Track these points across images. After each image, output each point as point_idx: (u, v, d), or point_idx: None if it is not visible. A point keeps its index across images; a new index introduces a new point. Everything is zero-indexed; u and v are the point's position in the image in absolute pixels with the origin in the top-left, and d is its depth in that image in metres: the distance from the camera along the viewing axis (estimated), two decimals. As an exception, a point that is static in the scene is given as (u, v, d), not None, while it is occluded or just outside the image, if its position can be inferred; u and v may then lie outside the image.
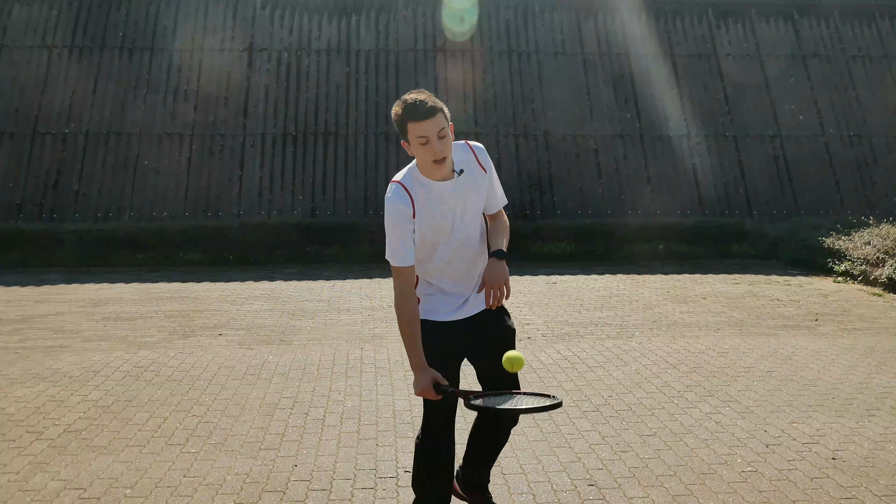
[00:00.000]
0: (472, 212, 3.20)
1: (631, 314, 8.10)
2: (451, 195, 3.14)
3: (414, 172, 3.15)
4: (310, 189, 12.61)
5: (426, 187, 3.11)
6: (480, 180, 3.22)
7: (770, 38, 14.37)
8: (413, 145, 3.05)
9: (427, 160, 3.05)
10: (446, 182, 3.12)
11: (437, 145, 3.02)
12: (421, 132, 3.00)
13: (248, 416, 4.98)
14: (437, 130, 3.01)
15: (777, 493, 3.91)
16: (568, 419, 4.93)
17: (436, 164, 3.05)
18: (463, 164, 3.17)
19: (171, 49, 13.40)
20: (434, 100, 3.06)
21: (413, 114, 3.00)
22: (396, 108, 3.06)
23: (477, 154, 3.24)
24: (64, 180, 12.39)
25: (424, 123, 3.00)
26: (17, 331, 7.35)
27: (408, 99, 3.04)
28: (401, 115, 3.04)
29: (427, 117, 3.00)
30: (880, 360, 6.37)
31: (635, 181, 13.00)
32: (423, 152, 3.04)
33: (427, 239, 3.14)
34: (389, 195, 3.12)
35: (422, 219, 3.10)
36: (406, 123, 3.03)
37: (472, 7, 14.06)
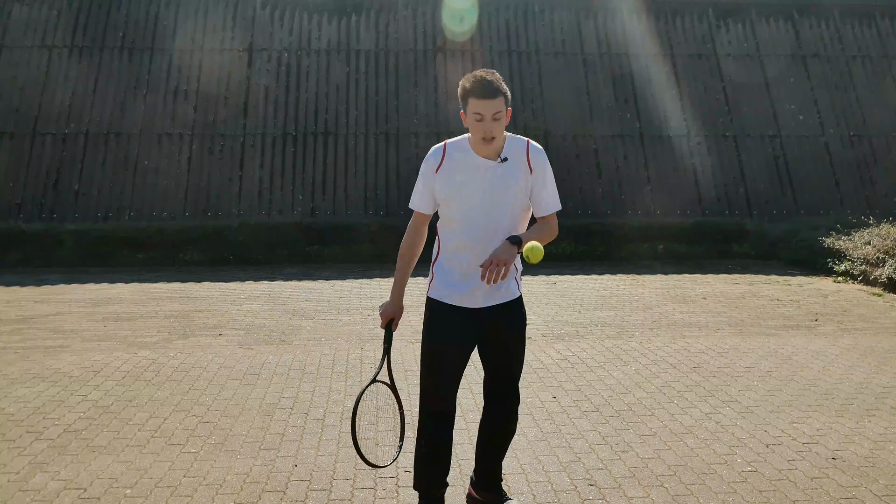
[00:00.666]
0: (504, 202, 3.30)
1: (631, 314, 8.10)
2: (487, 175, 3.29)
3: (464, 141, 3.37)
4: (310, 189, 12.61)
5: (467, 155, 3.32)
6: (523, 176, 3.32)
7: (770, 38, 14.37)
8: (469, 119, 3.24)
9: (477, 136, 3.24)
10: (487, 160, 3.30)
11: (490, 125, 3.21)
12: (479, 109, 3.19)
13: (248, 416, 4.98)
14: (493, 112, 3.19)
15: (777, 493, 3.91)
16: (568, 419, 4.93)
17: (483, 142, 3.25)
18: (511, 154, 3.32)
19: (171, 49, 13.40)
20: (501, 83, 3.23)
21: (477, 91, 3.19)
22: (465, 81, 3.25)
23: (531, 152, 3.35)
24: (64, 180, 12.39)
25: (485, 102, 3.18)
26: (17, 331, 7.34)
27: (478, 75, 3.23)
28: (467, 89, 3.23)
29: (489, 97, 3.18)
30: (880, 360, 6.37)
31: (635, 181, 13.00)
32: (475, 128, 3.23)
33: (448, 201, 3.32)
34: (431, 149, 3.42)
35: (446, 178, 3.31)
36: (468, 97, 3.22)
37: (472, 7, 14.06)
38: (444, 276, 3.40)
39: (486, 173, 3.30)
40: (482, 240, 3.30)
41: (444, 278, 3.39)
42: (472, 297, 3.36)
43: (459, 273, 3.36)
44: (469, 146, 3.33)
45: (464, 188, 3.30)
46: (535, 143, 3.38)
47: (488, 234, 3.30)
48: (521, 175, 3.31)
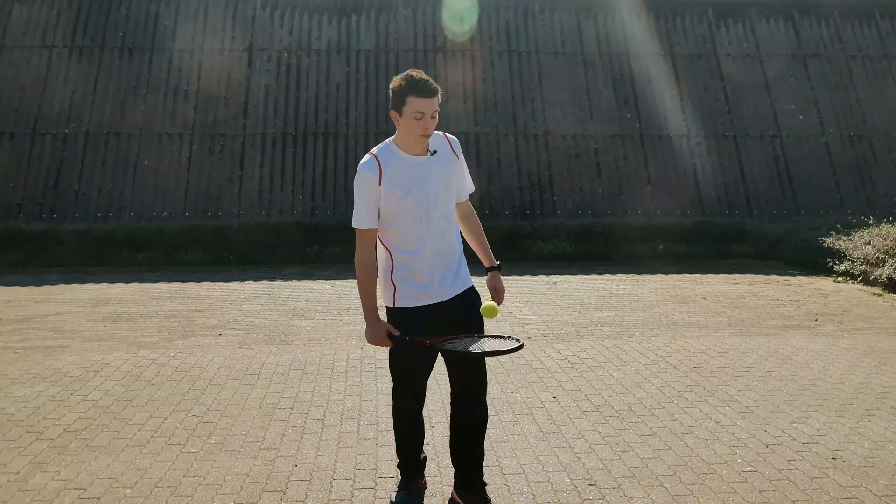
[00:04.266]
0: (444, 191, 3.46)
1: (631, 314, 8.10)
2: (423, 171, 3.41)
3: (389, 146, 3.43)
4: (310, 189, 12.61)
5: (400, 159, 3.39)
6: (451, 164, 3.51)
7: (770, 38, 14.37)
8: (406, 118, 3.31)
9: (415, 134, 3.32)
10: (420, 157, 3.41)
11: (429, 122, 3.32)
12: (420, 108, 3.28)
13: (248, 416, 4.98)
14: (433, 110, 3.31)
15: (777, 493, 3.91)
16: (568, 419, 4.93)
17: (422, 139, 3.35)
18: (437, 147, 3.48)
19: (171, 49, 13.41)
20: (435, 83, 3.37)
21: (418, 90, 3.28)
22: (400, 80, 3.31)
23: (451, 143, 3.55)
24: (64, 180, 12.39)
25: (426, 101, 3.29)
26: (17, 331, 7.34)
27: (413, 75, 3.31)
28: (404, 87, 3.29)
29: (430, 96, 3.29)
30: (880, 360, 6.37)
31: (635, 181, 13.00)
32: (414, 126, 3.31)
33: (396, 207, 3.38)
34: (361, 163, 3.42)
35: (390, 188, 3.36)
36: (407, 96, 3.29)
37: (472, 7, 14.07)
38: (408, 281, 3.47)
39: (423, 169, 3.41)
40: (436, 233, 3.44)
41: (409, 283, 3.47)
42: (439, 292, 3.47)
43: (424, 271, 3.44)
44: (397, 150, 3.41)
45: (411, 190, 3.38)
46: (450, 135, 3.57)
47: (439, 225, 3.45)
48: (450, 163, 3.50)
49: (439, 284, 3.46)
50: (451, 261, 3.51)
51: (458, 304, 3.51)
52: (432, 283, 3.45)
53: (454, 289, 3.50)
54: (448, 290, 3.49)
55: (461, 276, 3.54)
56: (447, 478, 4.01)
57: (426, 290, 3.46)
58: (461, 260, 3.57)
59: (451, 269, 3.50)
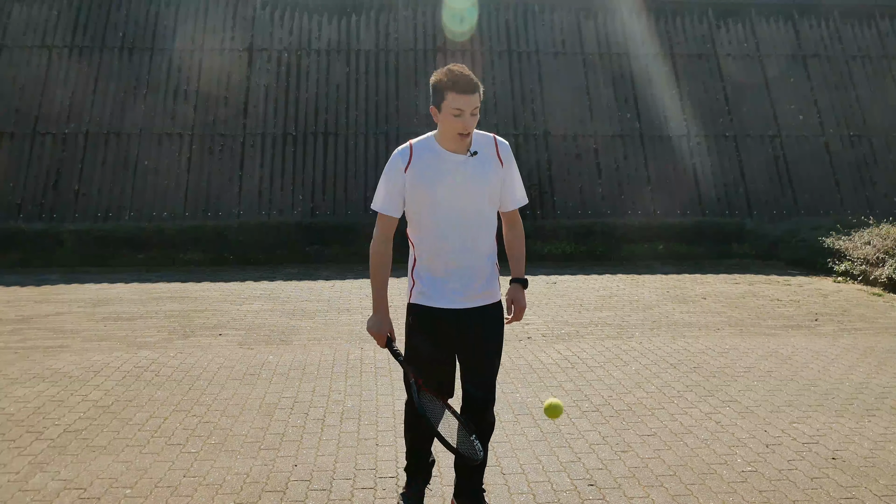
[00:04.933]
0: (477, 194, 3.27)
1: (631, 314, 8.10)
2: (459, 170, 3.24)
3: (429, 139, 3.30)
4: (310, 189, 12.61)
5: (436, 153, 3.25)
6: (493, 169, 3.31)
7: (770, 38, 14.37)
8: (445, 114, 3.16)
9: (453, 131, 3.17)
10: (458, 155, 3.25)
11: (468, 120, 3.16)
12: (459, 104, 3.13)
13: (248, 416, 4.98)
14: (472, 107, 3.15)
15: (777, 493, 3.91)
16: (568, 419, 4.93)
17: (460, 137, 3.19)
18: (481, 148, 3.29)
19: (171, 49, 13.40)
20: (476, 78, 3.19)
21: (458, 85, 3.13)
22: (441, 75, 3.18)
23: (499, 146, 3.35)
24: (64, 180, 12.39)
25: (466, 97, 3.13)
26: (17, 331, 7.34)
27: (454, 70, 3.18)
28: (445, 82, 3.15)
29: (470, 92, 3.14)
30: (880, 360, 6.37)
31: (635, 181, 13.00)
32: (452, 122, 3.16)
33: (420, 202, 3.24)
34: (395, 151, 3.31)
35: (416, 178, 3.22)
36: (447, 91, 3.14)
37: (472, 7, 14.06)
38: (426, 280, 3.32)
39: (458, 168, 3.24)
40: (461, 237, 3.26)
41: (427, 282, 3.32)
42: (456, 298, 3.30)
43: (442, 274, 3.29)
44: (436, 144, 3.27)
45: (438, 186, 3.22)
46: (502, 139, 3.38)
47: (466, 230, 3.27)
48: (492, 168, 3.30)
49: (458, 291, 3.29)
50: (476, 270, 3.31)
51: (477, 317, 3.33)
52: (451, 289, 3.29)
53: (475, 300, 3.32)
54: (468, 300, 3.31)
55: (487, 290, 3.35)
56: (448, 478, 4.01)
57: (443, 294, 3.29)
58: (491, 272, 3.38)
59: (475, 278, 3.31)
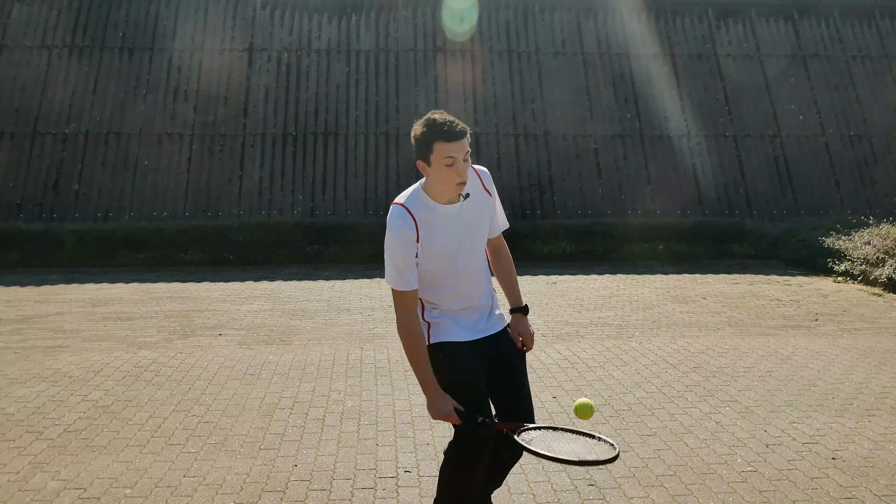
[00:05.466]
0: (477, 236, 3.15)
1: (631, 314, 8.10)
2: (457, 220, 3.08)
3: (419, 195, 3.06)
4: (310, 189, 12.61)
5: (432, 210, 3.04)
6: (485, 204, 3.17)
7: (770, 38, 14.37)
8: (436, 166, 2.95)
9: (450, 182, 2.97)
10: (452, 206, 3.06)
11: (462, 168, 2.95)
12: (451, 152, 2.92)
13: (248, 416, 4.98)
14: (464, 152, 2.94)
15: (777, 493, 3.91)
16: (568, 419, 4.93)
17: (457, 187, 2.99)
18: (469, 188, 3.09)
19: (171, 49, 13.41)
20: (461, 122, 2.99)
21: (445, 133, 2.91)
22: (422, 127, 2.96)
23: (482, 178, 3.17)
24: (64, 180, 12.39)
25: (455, 144, 2.92)
26: (17, 331, 7.34)
27: (436, 118, 2.95)
28: (428, 134, 2.94)
29: (459, 138, 2.92)
30: (880, 360, 6.36)
31: (635, 181, 13.00)
32: (446, 174, 2.95)
33: (431, 263, 3.06)
34: (394, 219, 3.02)
35: (425, 243, 3.02)
36: (434, 143, 2.93)
37: (472, 7, 14.06)
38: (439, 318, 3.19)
39: (458, 219, 3.08)
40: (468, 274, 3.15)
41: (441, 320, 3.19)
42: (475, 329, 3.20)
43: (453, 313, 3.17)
44: (428, 199, 3.04)
45: (445, 244, 3.06)
46: (480, 167, 3.20)
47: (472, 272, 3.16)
48: (484, 204, 3.17)
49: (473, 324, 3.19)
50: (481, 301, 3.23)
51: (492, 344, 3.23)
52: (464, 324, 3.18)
53: (487, 329, 3.22)
54: (481, 330, 3.21)
55: (494, 316, 3.27)
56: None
57: (458, 328, 3.17)
58: (493, 299, 3.30)
59: (482, 309, 3.23)
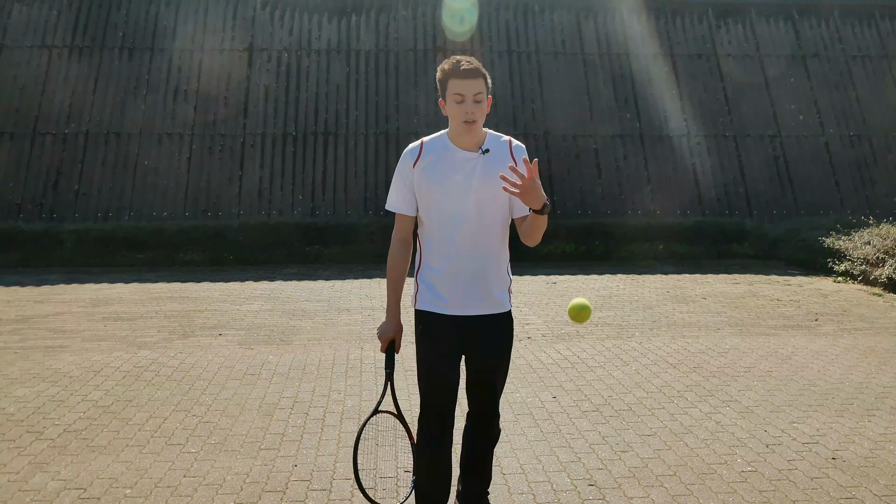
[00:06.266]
0: (489, 197, 3.13)
1: (631, 314, 8.10)
2: (469, 169, 3.15)
3: (442, 136, 3.24)
4: (310, 189, 12.61)
5: (448, 150, 3.19)
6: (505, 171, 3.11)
7: (770, 38, 14.37)
8: (449, 103, 3.12)
9: (458, 119, 3.11)
10: (469, 153, 3.17)
11: (471, 106, 3.08)
12: (459, 89, 3.08)
13: (248, 416, 4.98)
14: (474, 92, 3.08)
15: (777, 493, 3.91)
16: (568, 419, 4.93)
17: (466, 126, 3.10)
18: (494, 147, 3.19)
19: (171, 49, 13.40)
20: (481, 67, 3.14)
21: (457, 71, 3.09)
22: (444, 64, 3.15)
23: (513, 149, 3.23)
24: (64, 180, 12.39)
25: (466, 82, 3.07)
26: (17, 331, 7.34)
27: (456, 58, 3.15)
28: (446, 70, 3.12)
29: (469, 77, 3.08)
30: (880, 360, 6.36)
31: (635, 181, 13.00)
32: (455, 110, 3.10)
33: (431, 199, 3.17)
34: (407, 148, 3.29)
35: (427, 174, 3.17)
36: (448, 79, 3.11)
37: (472, 7, 14.06)
38: (431, 284, 3.21)
39: (469, 166, 3.14)
40: (471, 240, 3.14)
41: (432, 287, 3.20)
42: (464, 305, 3.18)
43: (448, 278, 3.17)
44: (448, 141, 3.20)
45: (448, 183, 3.14)
46: (517, 142, 3.26)
47: (474, 231, 3.14)
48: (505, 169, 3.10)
49: (461, 298, 3.17)
50: (483, 274, 3.18)
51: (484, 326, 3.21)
52: (454, 296, 3.17)
53: (482, 308, 3.20)
54: (472, 307, 3.18)
55: (493, 298, 3.21)
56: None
57: (448, 299, 3.17)
58: (500, 279, 3.24)
59: (482, 283, 3.18)
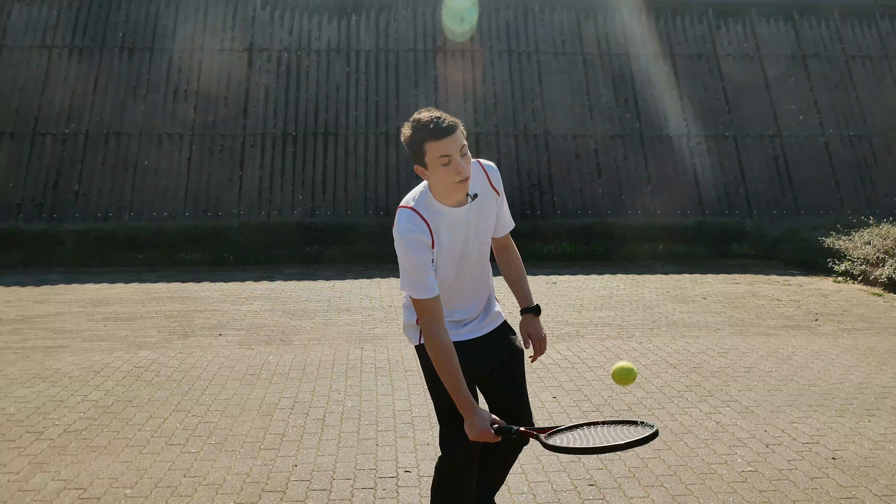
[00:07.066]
0: (483, 237, 3.02)
1: (631, 314, 8.10)
2: (464, 222, 2.92)
3: (426, 198, 2.89)
4: (310, 189, 12.61)
5: (441, 214, 2.87)
6: (493, 203, 3.02)
7: (770, 38, 14.37)
8: (432, 167, 2.79)
9: (450, 181, 2.79)
10: (460, 208, 2.89)
11: (460, 163, 2.77)
12: (443, 151, 2.75)
13: (248, 416, 4.98)
14: (458, 147, 2.77)
15: (777, 493, 3.91)
16: (568, 419, 4.93)
17: (459, 185, 2.81)
18: (476, 186, 2.95)
19: (171, 49, 13.40)
20: (449, 116, 2.82)
21: (432, 132, 2.75)
22: (408, 129, 2.82)
23: (490, 175, 3.01)
24: (64, 180, 12.39)
25: (446, 141, 2.75)
26: (17, 331, 7.34)
27: (421, 118, 2.79)
28: (416, 135, 2.79)
29: (448, 134, 2.75)
30: (880, 360, 6.37)
31: (635, 181, 13.00)
32: (445, 173, 2.77)
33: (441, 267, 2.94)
34: (404, 224, 2.83)
35: (439, 248, 2.89)
36: (424, 143, 2.77)
37: (472, 7, 14.06)
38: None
39: (467, 221, 2.93)
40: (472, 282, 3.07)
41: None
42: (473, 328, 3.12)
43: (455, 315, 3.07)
44: (436, 203, 2.87)
45: (453, 248, 2.93)
46: (487, 162, 3.03)
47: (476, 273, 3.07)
48: (491, 203, 3.01)
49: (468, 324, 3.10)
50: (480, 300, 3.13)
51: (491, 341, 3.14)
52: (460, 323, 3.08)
53: (483, 328, 3.13)
54: (477, 329, 3.12)
55: (491, 314, 3.17)
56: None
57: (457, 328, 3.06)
58: (491, 298, 3.20)
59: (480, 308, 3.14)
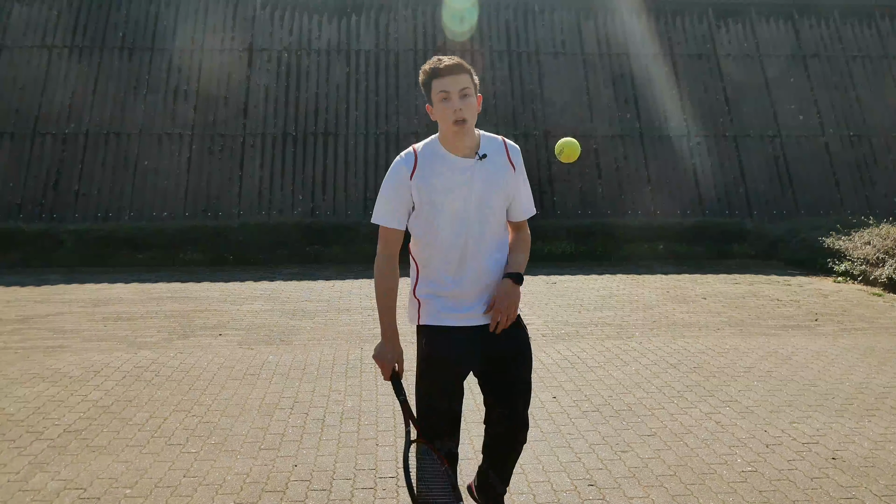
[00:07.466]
0: (487, 204, 2.99)
1: (631, 314, 8.10)
2: (467, 177, 2.96)
3: (434, 143, 3.01)
4: (310, 189, 12.61)
5: (443, 159, 2.96)
6: (505, 175, 3.03)
7: (770, 38, 14.37)
8: (435, 104, 2.93)
9: (447, 119, 2.90)
10: (466, 160, 2.97)
11: (458, 103, 2.88)
12: (443, 87, 2.89)
13: (248, 416, 4.98)
14: (459, 87, 2.89)
15: (777, 493, 3.91)
16: (568, 419, 4.93)
17: (456, 127, 2.89)
18: (490, 151, 3.01)
19: (171, 49, 13.41)
20: (463, 62, 2.96)
21: (438, 70, 2.91)
22: (425, 66, 2.98)
23: (509, 149, 3.07)
24: (64, 180, 12.39)
25: (448, 79, 2.89)
26: (17, 331, 7.34)
27: (432, 59, 2.98)
28: (428, 71, 2.95)
29: (451, 73, 2.90)
30: (880, 360, 6.36)
31: (635, 181, 13.00)
32: (443, 110, 2.90)
33: (428, 215, 2.96)
34: (397, 157, 3.02)
35: (423, 186, 2.94)
36: (431, 81, 2.93)
37: (472, 7, 14.07)
38: (433, 298, 3.02)
39: (467, 174, 2.95)
40: (473, 249, 2.99)
41: (435, 300, 3.02)
42: (473, 314, 3.02)
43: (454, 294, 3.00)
44: (440, 147, 2.97)
45: (447, 193, 2.94)
46: (512, 142, 3.11)
47: (480, 242, 3.00)
48: (503, 174, 3.02)
49: (472, 307, 3.01)
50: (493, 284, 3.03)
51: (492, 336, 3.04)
52: (464, 306, 3.00)
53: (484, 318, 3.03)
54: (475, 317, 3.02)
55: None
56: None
57: (455, 311, 3.00)
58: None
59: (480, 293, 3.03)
